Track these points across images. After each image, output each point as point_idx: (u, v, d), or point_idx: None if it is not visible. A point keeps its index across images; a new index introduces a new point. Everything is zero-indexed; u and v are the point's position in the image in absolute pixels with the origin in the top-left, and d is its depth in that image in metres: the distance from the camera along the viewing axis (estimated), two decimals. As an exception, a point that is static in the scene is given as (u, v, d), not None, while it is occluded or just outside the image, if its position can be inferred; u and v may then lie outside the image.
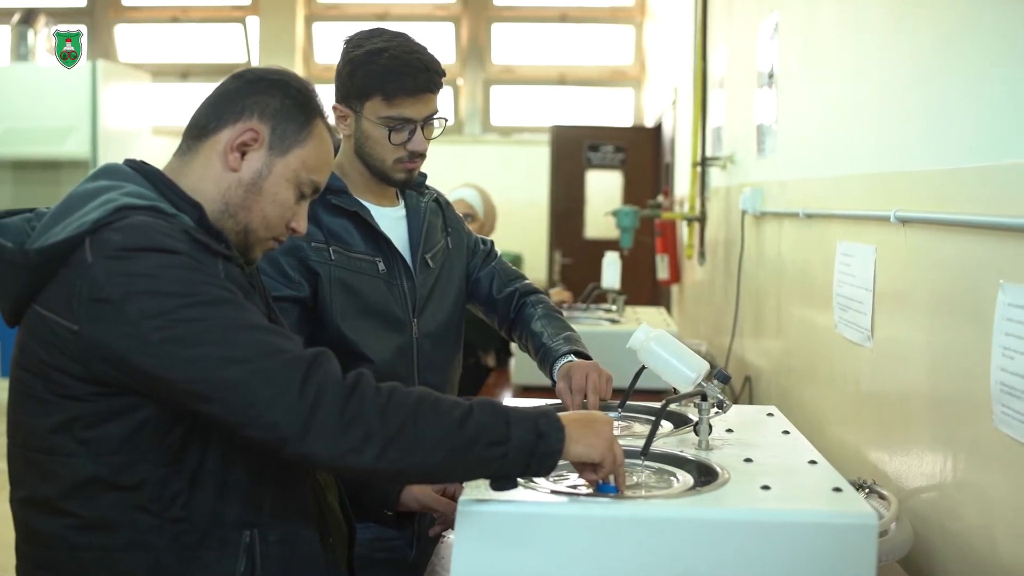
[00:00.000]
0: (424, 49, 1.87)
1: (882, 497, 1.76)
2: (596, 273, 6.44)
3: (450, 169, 8.04)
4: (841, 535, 1.20)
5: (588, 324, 3.39)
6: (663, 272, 5.25)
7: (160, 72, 8.61)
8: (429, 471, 1.26)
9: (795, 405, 2.74)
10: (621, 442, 1.35)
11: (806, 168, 2.67)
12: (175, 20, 8.94)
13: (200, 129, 1.38)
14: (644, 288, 6.65)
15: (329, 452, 1.20)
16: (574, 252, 7.15)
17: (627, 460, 1.37)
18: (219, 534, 1.29)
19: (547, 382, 2.01)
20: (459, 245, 2.10)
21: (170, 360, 1.19)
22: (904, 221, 1.81)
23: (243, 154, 1.36)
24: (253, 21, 8.75)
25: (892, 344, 1.94)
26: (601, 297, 3.74)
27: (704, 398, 1.55)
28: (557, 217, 7.30)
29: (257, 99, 1.37)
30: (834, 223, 2.33)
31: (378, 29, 1.90)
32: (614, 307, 3.64)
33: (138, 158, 1.42)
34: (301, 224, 1.41)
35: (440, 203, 2.10)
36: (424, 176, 2.04)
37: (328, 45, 8.53)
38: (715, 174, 4.17)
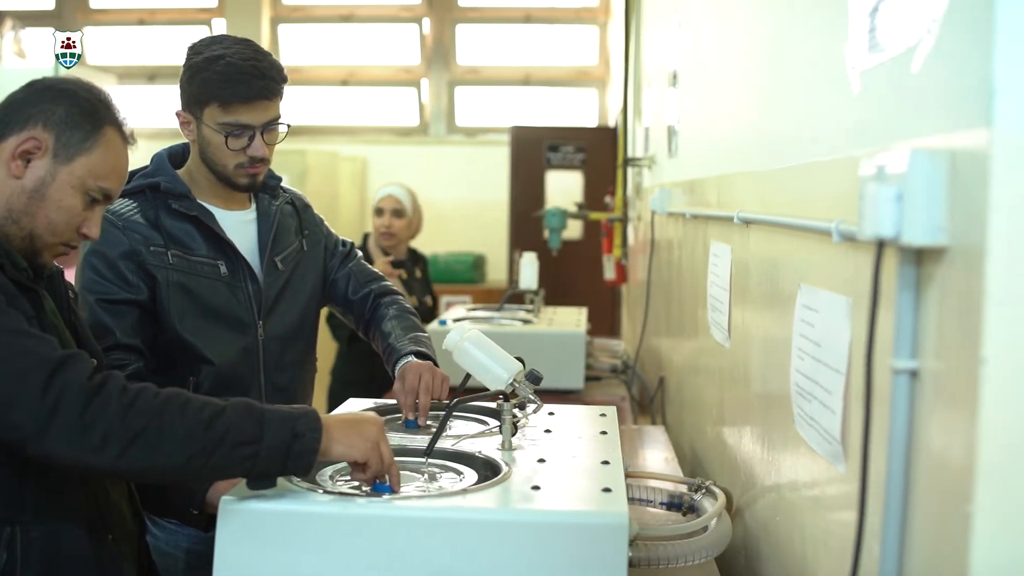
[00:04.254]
0: (263, 56, 1.88)
1: (716, 497, 1.76)
2: (557, 273, 6.45)
3: (415, 170, 8.05)
4: (590, 535, 1.21)
5: (498, 325, 3.40)
6: (609, 272, 5.24)
7: (127, 74, 8.60)
8: (174, 470, 1.28)
9: (692, 405, 2.74)
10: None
11: (695, 168, 2.68)
12: (142, 23, 8.92)
13: None
14: (603, 289, 6.63)
15: (68, 452, 1.23)
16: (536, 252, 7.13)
17: (414, 459, 1.38)
18: None
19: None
20: (316, 247, 2.10)
21: None
22: (746, 222, 1.82)
23: (27, 162, 1.39)
24: (219, 23, 8.74)
25: (740, 344, 1.94)
26: (518, 298, 3.74)
27: (506, 398, 1.55)
28: (517, 217, 7.28)
29: (43, 107, 1.40)
30: (708, 224, 2.34)
31: (220, 36, 1.91)
32: (532, 307, 3.64)
33: None
34: (93, 229, 1.44)
35: (296, 206, 2.10)
36: (278, 179, 2.05)
37: (294, 47, 8.51)
38: (646, 174, 4.17)
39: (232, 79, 1.81)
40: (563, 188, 7.29)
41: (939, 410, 0.90)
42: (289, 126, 1.91)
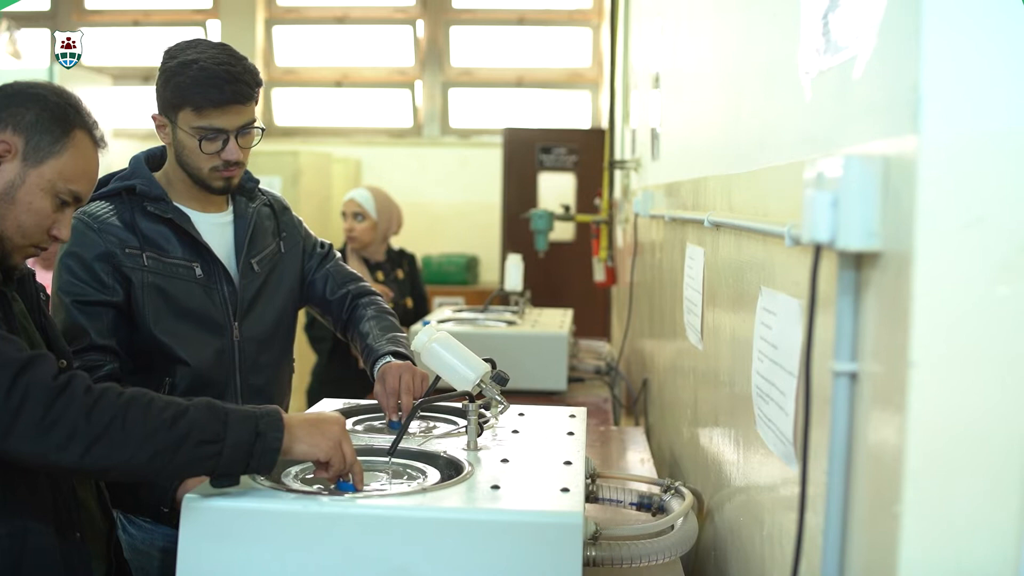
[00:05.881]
0: (237, 60, 1.89)
1: (684, 497, 1.78)
2: (548, 275, 6.46)
3: (409, 172, 8.06)
4: (545, 534, 1.22)
5: (482, 326, 3.41)
6: (599, 274, 5.25)
7: (122, 75, 8.61)
8: (137, 468, 1.30)
9: (671, 407, 2.76)
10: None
11: (675, 171, 2.69)
12: (136, 24, 8.94)
13: None
14: (596, 290, 6.64)
15: (33, 451, 1.25)
16: (527, 254, 7.14)
17: (376, 458, 1.40)
18: None
19: None
20: (293, 249, 2.12)
21: None
22: (716, 225, 1.84)
23: None
24: (214, 24, 8.75)
25: (712, 346, 1.96)
26: (503, 299, 3.76)
27: (471, 399, 1.57)
28: (510, 219, 7.29)
29: (13, 112, 1.42)
30: (686, 227, 2.36)
31: (196, 40, 1.92)
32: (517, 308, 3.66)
33: None
34: (63, 231, 1.46)
35: (274, 208, 2.12)
36: (256, 181, 2.07)
37: (288, 48, 8.53)
38: (634, 176, 4.18)
39: (205, 84, 1.83)
40: (555, 190, 7.30)
41: (876, 412, 0.92)
42: (263, 129, 1.93)
